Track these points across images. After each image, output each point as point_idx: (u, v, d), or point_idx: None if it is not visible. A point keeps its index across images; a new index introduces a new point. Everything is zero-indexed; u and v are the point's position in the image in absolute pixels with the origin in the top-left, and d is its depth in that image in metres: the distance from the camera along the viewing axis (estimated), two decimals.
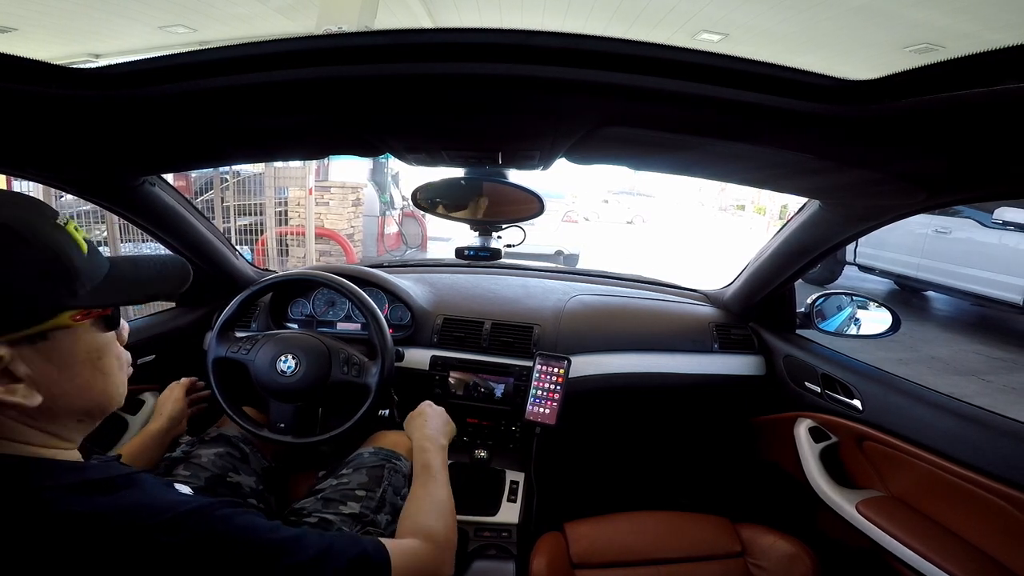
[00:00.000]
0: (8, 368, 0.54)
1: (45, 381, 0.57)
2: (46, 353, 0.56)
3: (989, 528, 1.07)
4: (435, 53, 0.58)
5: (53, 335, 0.57)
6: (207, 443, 1.25)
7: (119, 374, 0.67)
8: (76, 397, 0.61)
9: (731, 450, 1.90)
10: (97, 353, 0.62)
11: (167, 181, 1.36)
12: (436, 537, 0.89)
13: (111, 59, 0.96)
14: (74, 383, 0.60)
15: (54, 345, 0.57)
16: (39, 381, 0.56)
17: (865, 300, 1.60)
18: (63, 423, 0.61)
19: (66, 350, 0.58)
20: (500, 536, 1.39)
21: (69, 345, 0.59)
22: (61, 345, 0.58)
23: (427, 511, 0.96)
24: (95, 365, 0.62)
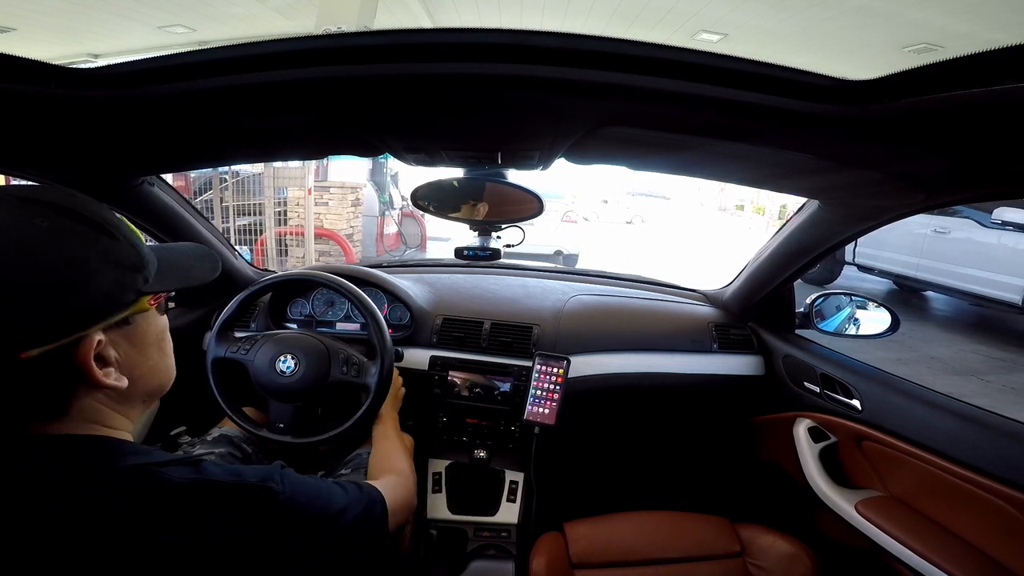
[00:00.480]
0: (101, 353, 0.57)
1: (128, 363, 0.61)
2: (129, 337, 0.61)
3: (988, 528, 1.07)
4: (434, 53, 0.58)
5: (135, 319, 0.61)
6: (209, 443, 1.26)
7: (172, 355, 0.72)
8: (150, 378, 0.66)
9: (730, 450, 1.90)
10: (161, 334, 0.68)
11: (166, 181, 1.36)
12: (403, 471, 1.11)
13: (110, 59, 0.96)
14: (148, 364, 0.65)
15: (135, 329, 0.62)
16: (124, 364, 0.60)
17: (864, 300, 1.60)
18: (134, 405, 0.66)
19: (143, 332, 0.63)
20: (499, 536, 1.40)
21: (145, 328, 0.63)
22: (140, 328, 0.62)
23: (391, 455, 1.17)
24: (160, 346, 0.68)
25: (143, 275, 0.61)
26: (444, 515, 1.47)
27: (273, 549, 0.62)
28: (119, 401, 0.62)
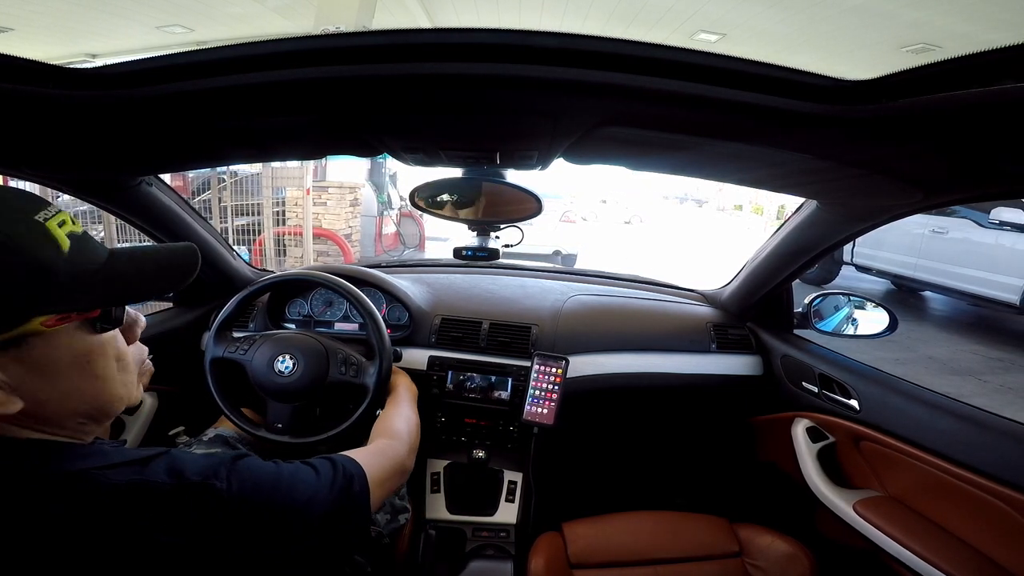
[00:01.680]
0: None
1: (26, 387, 0.54)
2: (23, 360, 0.54)
3: (986, 528, 1.07)
4: (433, 53, 0.58)
5: (27, 341, 0.54)
6: (205, 443, 1.25)
7: (119, 376, 0.64)
8: (66, 401, 0.58)
9: (729, 450, 1.91)
10: (86, 357, 0.59)
11: (164, 181, 1.35)
12: (400, 434, 1.08)
13: (108, 59, 0.96)
14: (59, 388, 0.57)
15: (30, 352, 0.54)
16: (19, 387, 0.54)
17: (862, 300, 1.61)
18: (62, 424, 0.59)
19: (45, 356, 0.55)
20: (498, 536, 1.40)
21: (48, 351, 0.56)
22: (38, 351, 0.55)
23: (393, 418, 1.16)
24: (84, 369, 0.59)
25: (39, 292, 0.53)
26: (443, 515, 1.47)
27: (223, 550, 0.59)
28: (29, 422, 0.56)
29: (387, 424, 1.13)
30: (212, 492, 0.59)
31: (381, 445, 1.01)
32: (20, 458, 0.54)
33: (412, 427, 1.17)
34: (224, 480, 0.61)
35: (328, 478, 0.75)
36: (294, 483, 0.70)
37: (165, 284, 0.66)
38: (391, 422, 1.14)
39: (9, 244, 0.51)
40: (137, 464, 0.58)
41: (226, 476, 0.61)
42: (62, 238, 0.56)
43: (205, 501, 0.58)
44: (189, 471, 0.59)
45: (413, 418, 1.21)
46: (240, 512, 0.61)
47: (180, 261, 0.68)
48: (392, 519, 1.20)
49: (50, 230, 0.55)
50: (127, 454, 0.60)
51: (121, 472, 0.56)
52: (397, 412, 1.20)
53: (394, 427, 1.12)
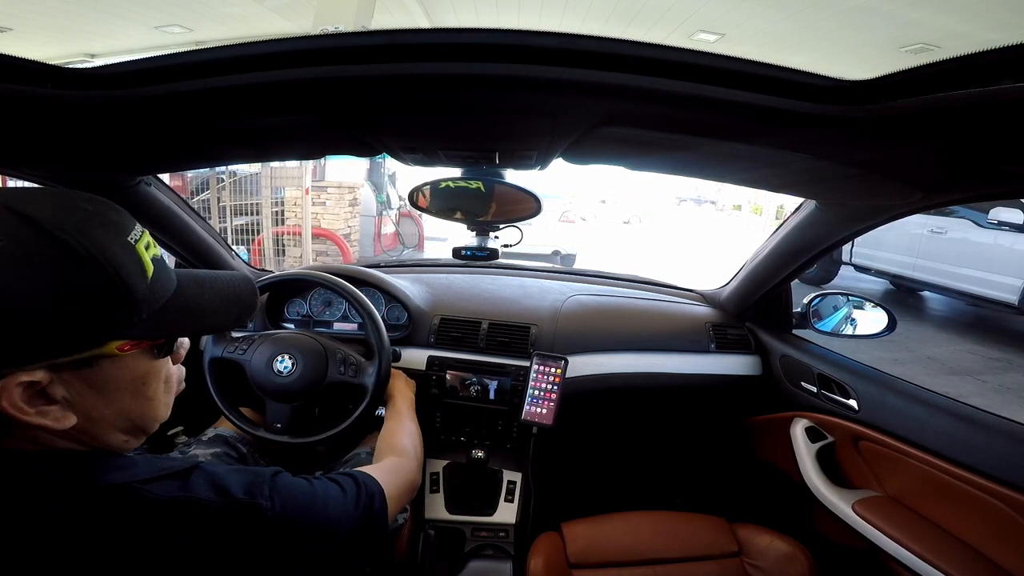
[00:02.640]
0: (46, 390, 0.51)
1: (82, 404, 0.54)
2: (87, 379, 0.54)
3: (985, 528, 1.07)
4: (432, 53, 0.58)
5: (98, 363, 0.54)
6: (204, 443, 1.25)
7: (164, 397, 0.65)
8: (115, 419, 0.58)
9: (728, 450, 1.91)
10: (142, 380, 0.60)
11: (163, 181, 1.35)
12: (407, 451, 1.10)
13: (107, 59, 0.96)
14: (113, 408, 0.57)
15: (98, 372, 0.54)
16: (76, 404, 0.54)
17: (861, 300, 1.61)
18: (104, 439, 0.59)
19: (109, 377, 0.56)
20: (497, 536, 1.40)
21: (113, 372, 0.56)
22: (105, 372, 0.55)
23: (398, 434, 1.17)
24: (138, 391, 0.60)
25: (122, 317, 0.53)
26: (442, 515, 1.47)
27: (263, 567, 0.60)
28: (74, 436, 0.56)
29: (394, 441, 1.14)
30: (258, 512, 0.60)
31: (393, 463, 1.02)
32: (61, 470, 0.54)
33: (417, 442, 1.19)
34: (268, 499, 0.61)
35: (353, 496, 0.76)
36: (327, 502, 0.70)
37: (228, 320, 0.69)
38: (397, 439, 1.15)
39: (107, 267, 0.50)
40: (177, 478, 0.58)
41: (269, 495, 0.62)
42: (148, 262, 0.56)
43: (252, 521, 0.59)
44: (234, 488, 0.60)
45: (416, 432, 1.23)
46: (282, 532, 0.61)
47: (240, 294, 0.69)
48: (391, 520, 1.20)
49: (139, 253, 0.55)
50: (159, 464, 0.60)
51: (163, 487, 0.56)
52: (401, 427, 1.21)
53: (401, 444, 1.13)
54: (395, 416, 1.26)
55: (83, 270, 0.49)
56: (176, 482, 0.57)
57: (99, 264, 0.50)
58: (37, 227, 0.48)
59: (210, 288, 0.66)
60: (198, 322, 0.64)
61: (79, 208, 0.52)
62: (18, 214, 0.48)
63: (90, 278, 0.49)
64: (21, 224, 0.48)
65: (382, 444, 1.14)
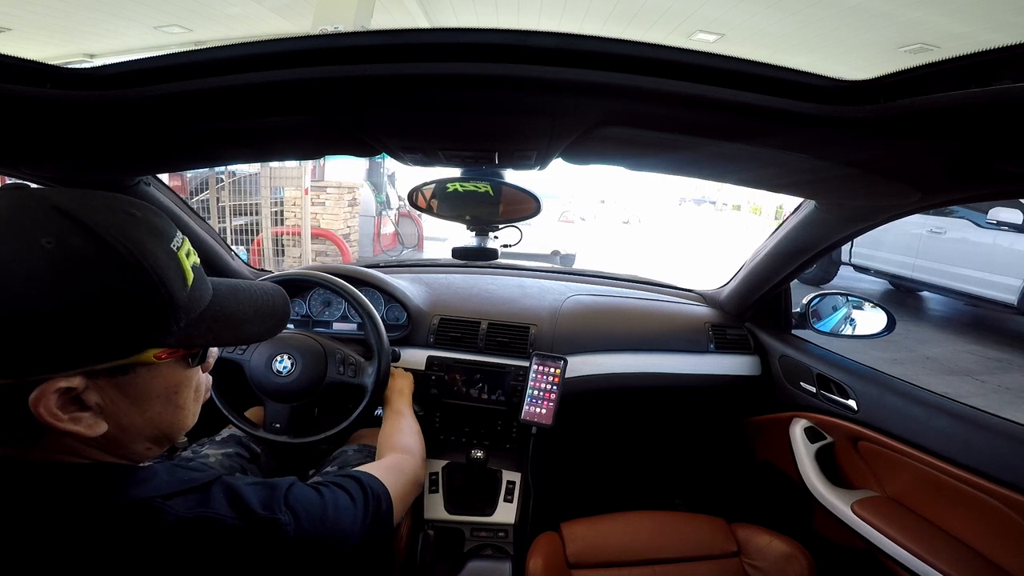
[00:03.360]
0: (80, 397, 0.51)
1: (115, 412, 0.54)
2: (122, 386, 0.53)
3: (983, 528, 1.07)
4: (431, 53, 0.58)
5: (135, 370, 0.53)
6: (218, 443, 1.26)
7: (194, 406, 0.65)
8: (145, 427, 0.58)
9: (727, 450, 1.91)
10: (175, 388, 0.59)
11: (162, 181, 1.35)
12: (411, 448, 1.11)
13: (106, 59, 0.96)
14: (145, 416, 0.57)
15: (134, 379, 0.54)
16: (108, 411, 0.53)
17: (860, 300, 1.61)
18: (131, 448, 0.59)
19: (144, 385, 0.55)
20: (497, 536, 1.39)
21: (148, 380, 0.56)
22: (140, 380, 0.55)
23: (398, 431, 1.17)
24: (170, 399, 0.59)
25: (162, 325, 0.52)
26: (441, 515, 1.47)
27: None
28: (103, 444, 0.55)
29: (395, 439, 1.14)
30: (277, 528, 0.60)
31: (396, 461, 1.01)
32: (83, 485, 0.53)
33: (419, 439, 1.19)
34: (285, 514, 0.61)
35: (361, 502, 0.75)
36: (338, 512, 0.70)
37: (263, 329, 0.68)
38: (399, 436, 1.15)
39: (152, 273, 0.50)
40: (197, 493, 0.58)
41: (287, 510, 0.62)
42: (188, 271, 0.56)
43: (271, 538, 0.59)
44: (252, 504, 0.60)
45: (416, 428, 1.23)
46: (301, 548, 0.61)
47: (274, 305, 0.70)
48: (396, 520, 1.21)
49: (180, 261, 0.55)
50: (181, 477, 0.60)
51: (184, 503, 0.56)
52: (401, 424, 1.22)
53: (403, 441, 1.13)
54: (393, 414, 1.26)
55: (128, 276, 0.49)
56: (197, 496, 0.57)
57: (144, 271, 0.49)
58: (85, 229, 0.47)
59: (246, 298, 0.66)
60: (234, 331, 0.63)
61: (127, 213, 0.52)
62: (67, 215, 0.47)
63: (134, 284, 0.49)
64: (69, 225, 0.47)
65: (383, 442, 1.14)
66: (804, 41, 6.75)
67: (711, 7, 6.17)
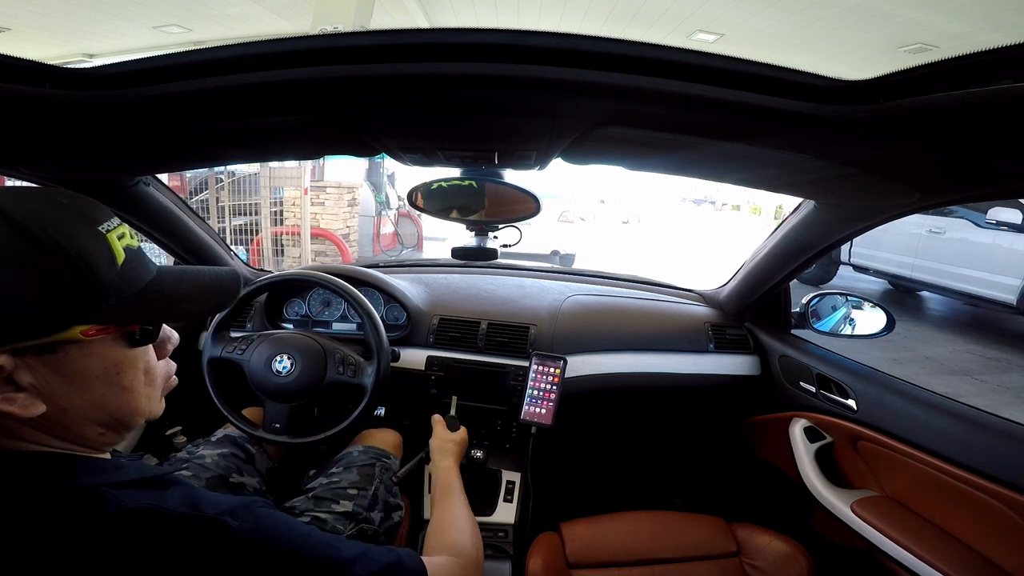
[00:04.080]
0: (12, 377, 0.51)
1: (52, 392, 0.54)
2: (53, 365, 0.54)
3: (983, 528, 1.07)
4: (431, 53, 0.58)
5: (63, 348, 0.54)
6: (213, 444, 1.25)
7: (145, 389, 0.63)
8: (89, 410, 0.58)
9: (726, 450, 1.91)
10: (116, 368, 0.59)
11: (162, 181, 1.35)
12: (467, 554, 0.89)
13: (105, 59, 0.97)
14: (84, 397, 0.57)
15: (63, 358, 0.54)
16: (44, 392, 0.53)
17: (860, 300, 1.61)
18: (81, 433, 0.58)
19: (77, 364, 0.55)
20: (496, 536, 1.39)
21: (81, 359, 0.55)
22: (72, 359, 0.55)
23: (456, 529, 0.96)
24: (112, 380, 0.58)
25: (87, 302, 0.53)
26: None
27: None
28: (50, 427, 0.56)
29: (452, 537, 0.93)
30: (222, 528, 0.56)
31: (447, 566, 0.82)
32: (31, 472, 0.53)
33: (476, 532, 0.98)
34: (239, 519, 0.58)
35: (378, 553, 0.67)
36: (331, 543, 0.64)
37: (205, 306, 0.69)
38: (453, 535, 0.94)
39: (70, 252, 0.51)
40: (155, 487, 0.57)
41: (245, 516, 0.59)
42: (119, 251, 0.56)
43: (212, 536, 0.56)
44: (206, 504, 0.58)
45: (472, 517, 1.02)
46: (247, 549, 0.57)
47: (222, 284, 0.69)
48: (386, 517, 1.20)
49: (110, 242, 0.56)
50: (145, 471, 0.59)
51: (134, 494, 0.55)
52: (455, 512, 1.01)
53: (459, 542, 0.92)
54: (449, 499, 1.07)
55: (46, 256, 0.50)
56: (152, 492, 0.57)
57: (62, 250, 0.51)
58: (8, 220, 0.50)
59: (192, 279, 0.66)
60: (172, 308, 0.63)
61: (55, 203, 0.54)
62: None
63: (52, 264, 0.51)
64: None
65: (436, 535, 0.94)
66: (804, 41, 6.75)
67: (711, 7, 6.17)
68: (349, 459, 1.28)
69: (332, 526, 1.09)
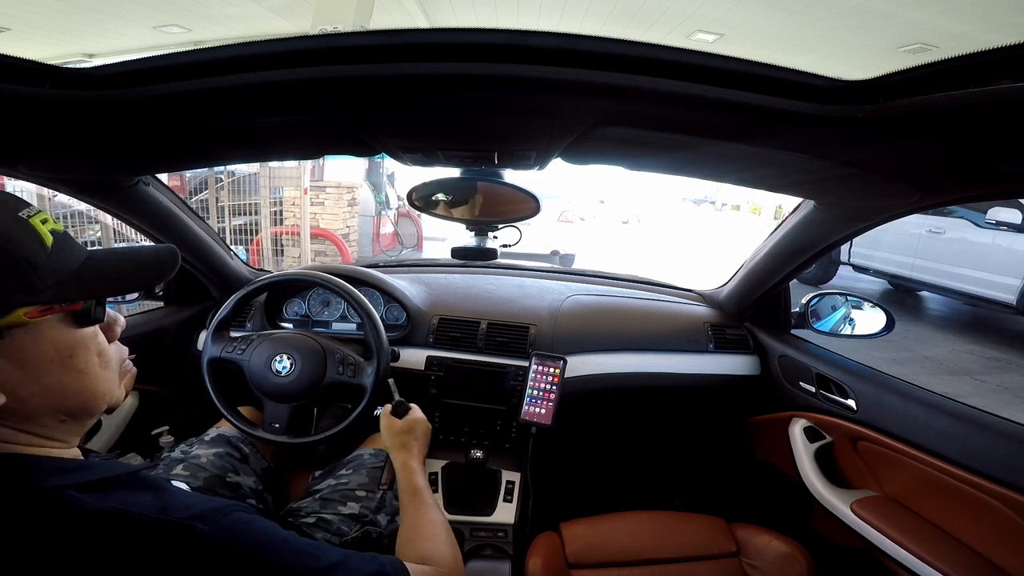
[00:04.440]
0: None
1: (8, 381, 0.53)
2: (4, 351, 0.53)
3: (983, 528, 1.07)
4: (430, 53, 0.58)
5: (11, 333, 0.53)
6: (207, 443, 1.25)
7: (103, 372, 0.63)
8: (48, 396, 0.57)
9: (726, 450, 1.91)
10: (68, 351, 0.58)
11: (161, 181, 1.35)
12: (447, 563, 0.87)
13: (105, 59, 0.97)
14: (42, 383, 0.56)
15: (12, 344, 0.53)
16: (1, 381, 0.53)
17: (859, 300, 1.61)
18: (43, 423, 0.58)
19: (28, 348, 0.55)
20: (496, 536, 1.39)
21: (31, 343, 0.55)
22: (22, 343, 0.54)
23: (432, 536, 0.92)
24: (66, 363, 0.58)
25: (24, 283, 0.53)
26: None
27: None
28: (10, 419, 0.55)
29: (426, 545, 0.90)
30: (190, 532, 0.55)
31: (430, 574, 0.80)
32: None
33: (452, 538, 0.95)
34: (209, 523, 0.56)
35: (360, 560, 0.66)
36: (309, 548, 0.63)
37: (142, 280, 0.70)
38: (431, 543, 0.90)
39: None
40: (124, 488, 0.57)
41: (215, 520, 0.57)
42: (45, 234, 0.57)
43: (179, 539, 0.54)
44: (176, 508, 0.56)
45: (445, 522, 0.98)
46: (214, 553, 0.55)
47: (160, 259, 0.69)
48: (391, 520, 1.20)
49: (33, 226, 0.56)
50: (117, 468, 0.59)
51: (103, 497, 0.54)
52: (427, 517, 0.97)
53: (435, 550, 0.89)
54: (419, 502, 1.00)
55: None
56: (121, 492, 0.56)
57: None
58: None
59: (129, 257, 0.67)
60: (115, 283, 0.63)
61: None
62: None
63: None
64: None
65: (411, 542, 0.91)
66: (803, 41, 6.76)
67: (710, 7, 6.17)
68: (359, 461, 1.28)
69: (337, 527, 1.09)
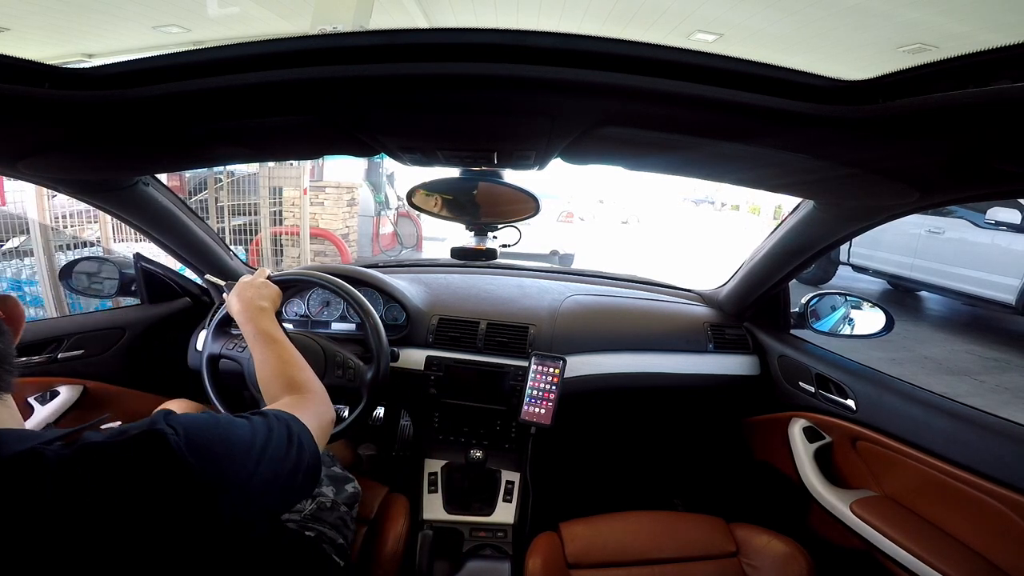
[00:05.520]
0: None
1: None
2: None
3: (982, 528, 1.07)
4: (430, 53, 0.58)
5: None
6: None
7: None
8: None
9: (725, 450, 1.91)
10: None
11: (161, 181, 1.35)
12: (311, 385, 0.90)
13: (104, 59, 0.97)
14: None
15: None
16: None
17: (859, 300, 1.61)
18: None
19: None
20: (495, 536, 1.40)
21: None
22: None
23: (291, 365, 0.95)
24: None
25: None
26: (440, 515, 1.47)
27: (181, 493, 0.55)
28: None
29: (290, 373, 0.93)
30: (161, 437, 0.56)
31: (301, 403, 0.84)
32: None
33: (309, 371, 0.96)
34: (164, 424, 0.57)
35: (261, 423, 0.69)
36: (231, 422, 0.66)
37: None
38: (292, 370, 0.93)
39: None
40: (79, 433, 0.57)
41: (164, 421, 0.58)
42: None
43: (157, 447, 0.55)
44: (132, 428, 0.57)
45: (299, 355, 1.00)
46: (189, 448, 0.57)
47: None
48: (339, 490, 1.21)
49: None
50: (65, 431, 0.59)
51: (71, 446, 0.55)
52: (285, 354, 0.98)
53: (299, 376, 0.92)
54: (268, 342, 1.00)
55: None
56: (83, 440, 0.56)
57: None
58: None
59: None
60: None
61: None
62: None
63: None
64: None
65: (270, 380, 0.93)
66: (803, 41, 6.75)
67: (710, 7, 6.17)
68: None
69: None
